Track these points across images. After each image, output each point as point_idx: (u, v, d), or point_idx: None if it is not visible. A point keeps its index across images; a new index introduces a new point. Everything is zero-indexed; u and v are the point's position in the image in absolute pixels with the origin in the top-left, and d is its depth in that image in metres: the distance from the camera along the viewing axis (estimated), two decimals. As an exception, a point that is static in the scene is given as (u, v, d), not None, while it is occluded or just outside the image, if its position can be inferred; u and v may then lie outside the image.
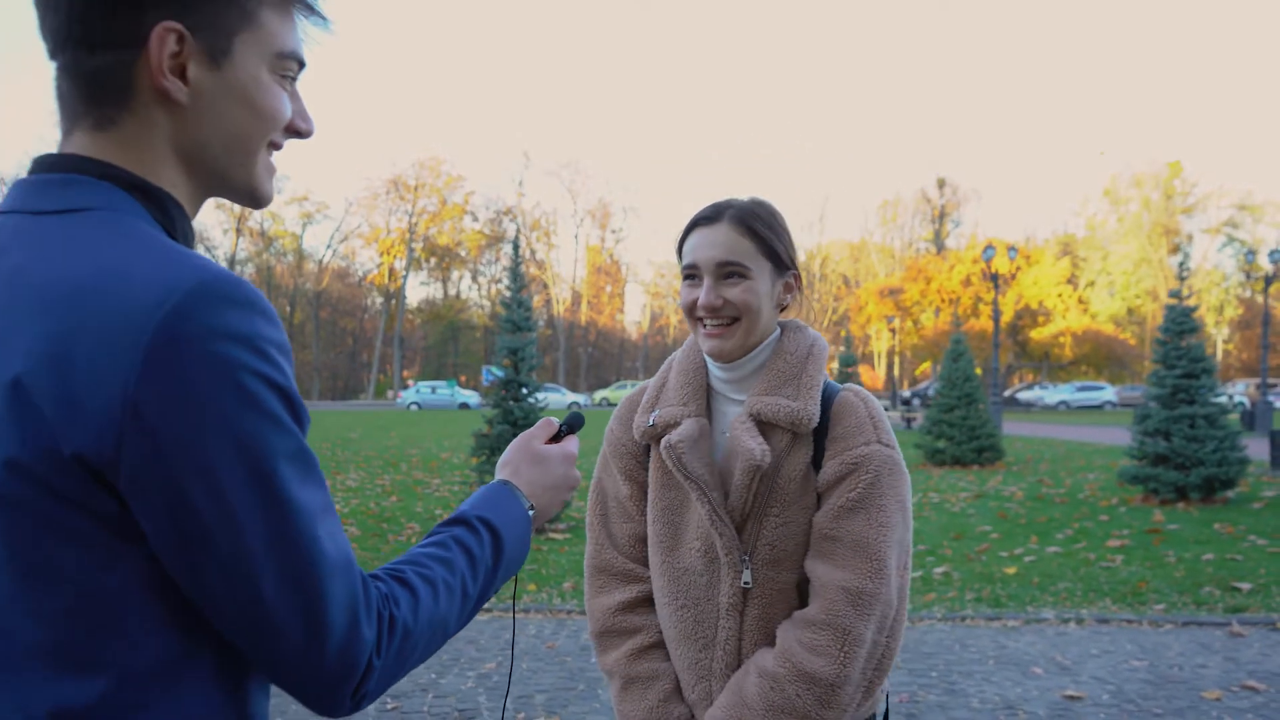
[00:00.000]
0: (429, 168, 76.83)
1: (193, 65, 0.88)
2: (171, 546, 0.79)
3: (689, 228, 1.69)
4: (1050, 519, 10.37)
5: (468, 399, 51.46)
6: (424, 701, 4.63)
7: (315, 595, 0.81)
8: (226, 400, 0.77)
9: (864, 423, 1.61)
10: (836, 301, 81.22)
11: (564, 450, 1.24)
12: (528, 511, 1.14)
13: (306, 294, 76.61)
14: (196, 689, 0.83)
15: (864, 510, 1.55)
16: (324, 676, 0.84)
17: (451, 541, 1.02)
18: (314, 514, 0.82)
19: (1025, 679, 5.00)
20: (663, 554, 1.69)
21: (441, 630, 0.97)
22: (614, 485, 1.80)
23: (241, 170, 0.94)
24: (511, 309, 10.13)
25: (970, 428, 16.63)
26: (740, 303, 1.62)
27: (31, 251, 0.81)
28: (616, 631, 1.73)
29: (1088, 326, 54.50)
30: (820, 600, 1.54)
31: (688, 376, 1.72)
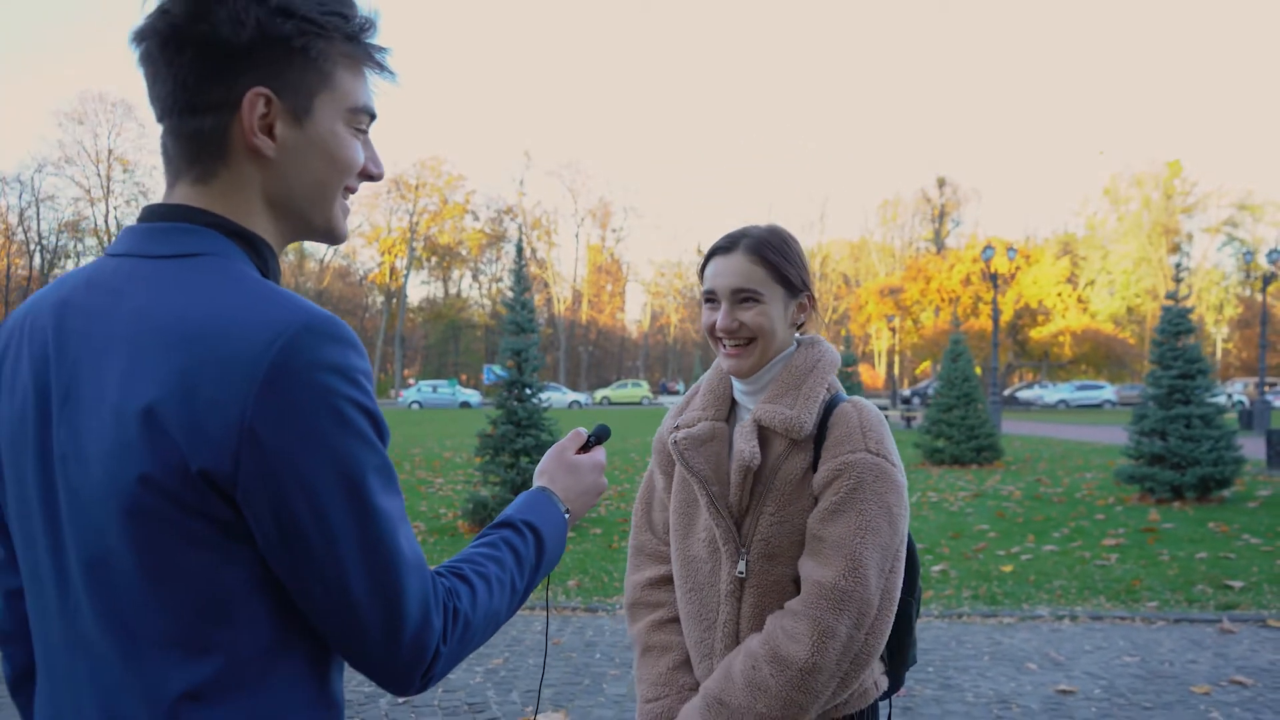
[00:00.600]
0: (430, 167, 77.00)
1: (279, 124, 1.00)
2: (276, 548, 0.92)
3: (708, 256, 1.86)
4: (1047, 518, 10.50)
5: (469, 398, 51.62)
6: (434, 695, 4.75)
7: (395, 591, 0.95)
8: (325, 422, 0.90)
9: (854, 431, 1.74)
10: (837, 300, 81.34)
11: (594, 460, 1.38)
12: (564, 515, 1.29)
13: (308, 293, 76.63)
14: (289, 672, 0.96)
15: (845, 513, 1.67)
16: (399, 662, 0.97)
17: (501, 542, 1.16)
18: (395, 520, 0.96)
19: (1019, 674, 5.13)
20: (677, 542, 1.89)
21: (495, 620, 1.10)
22: (656, 478, 2.02)
23: (320, 215, 1.08)
24: (514, 310, 10.24)
25: (969, 427, 16.75)
26: (754, 325, 1.78)
27: (153, 293, 0.94)
28: (643, 604, 1.95)
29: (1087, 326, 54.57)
30: (803, 594, 1.69)
31: (713, 385, 1.92)
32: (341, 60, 1.04)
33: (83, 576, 0.94)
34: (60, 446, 0.94)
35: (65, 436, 0.94)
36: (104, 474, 0.91)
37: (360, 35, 1.06)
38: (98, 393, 0.92)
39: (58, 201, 69.37)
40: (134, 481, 0.89)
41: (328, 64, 1.03)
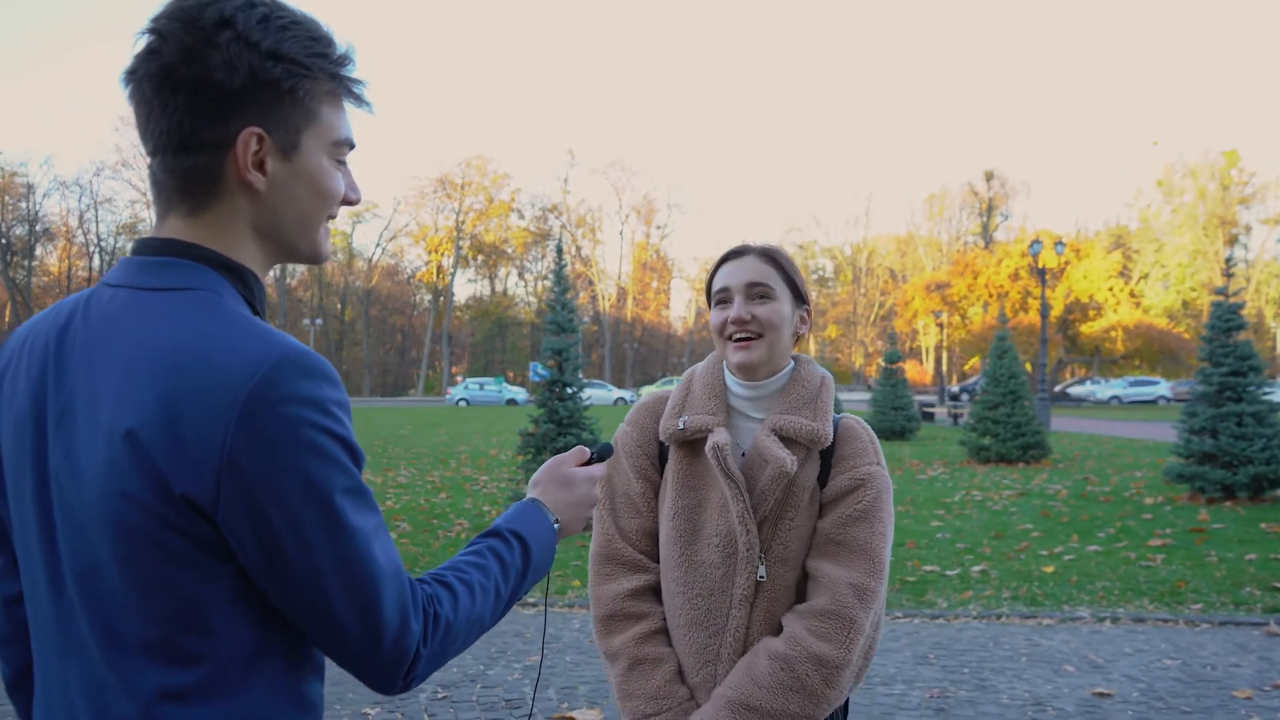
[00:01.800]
0: (475, 166, 77.68)
1: (270, 159, 1.08)
2: (258, 565, 0.99)
3: (718, 263, 1.93)
4: (1093, 517, 10.38)
5: (515, 395, 52.01)
6: (472, 691, 4.86)
7: (372, 599, 1.02)
8: (299, 450, 0.97)
9: (867, 447, 1.88)
10: (883, 296, 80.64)
11: (588, 473, 1.43)
12: (553, 525, 1.34)
13: (357, 292, 77.80)
14: (268, 677, 1.04)
15: (867, 520, 1.80)
16: (380, 663, 1.05)
17: (487, 550, 1.22)
18: (368, 534, 1.03)
19: (1056, 676, 5.11)
20: (681, 547, 1.88)
21: (479, 625, 1.17)
22: (624, 482, 1.98)
23: (306, 242, 1.15)
24: (556, 311, 10.36)
25: (1015, 424, 16.57)
26: (766, 319, 1.84)
27: (145, 324, 1.02)
28: (624, 616, 1.91)
29: (1140, 320, 53.47)
30: (828, 594, 1.76)
31: (712, 390, 1.93)
32: (325, 97, 1.11)
33: (75, 586, 1.02)
34: (55, 465, 1.02)
35: (59, 455, 1.02)
36: (94, 491, 0.98)
37: (340, 71, 1.12)
38: (91, 415, 1.00)
39: (115, 204, 71.13)
40: (119, 499, 0.97)
41: (313, 102, 1.09)
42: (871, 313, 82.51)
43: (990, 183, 77.19)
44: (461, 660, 5.36)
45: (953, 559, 8.25)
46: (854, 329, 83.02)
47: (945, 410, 30.39)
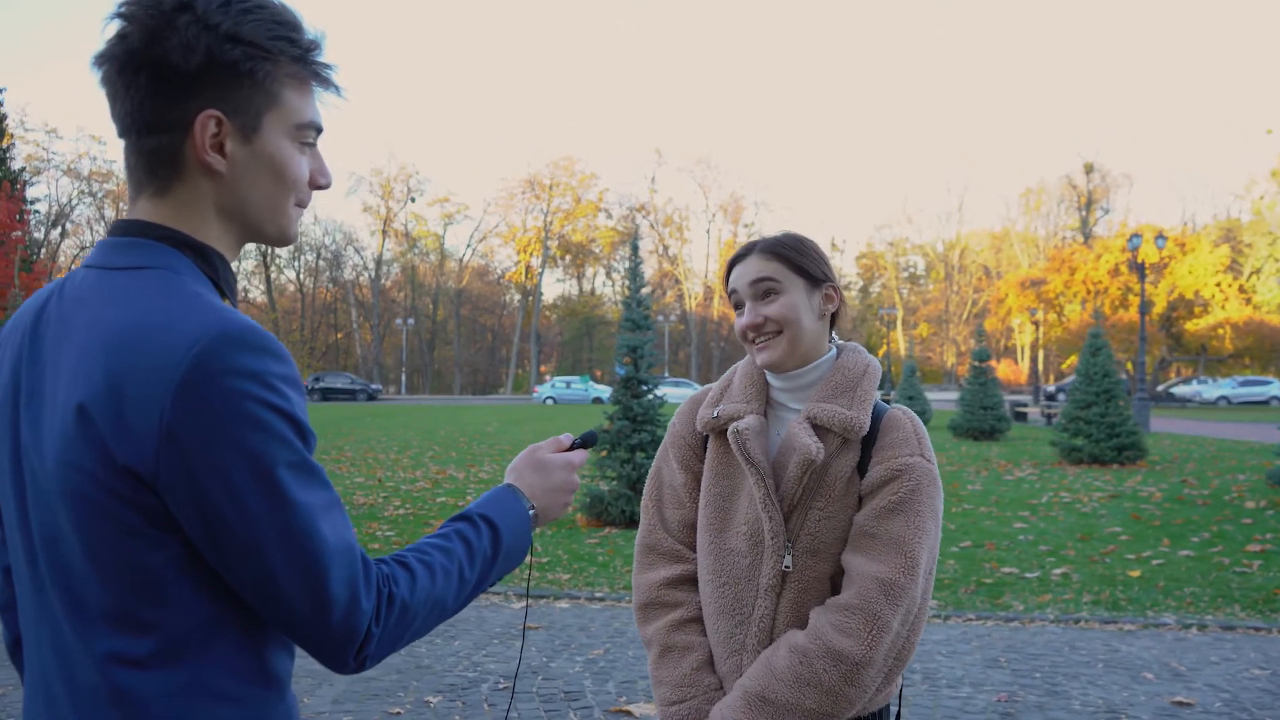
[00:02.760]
0: (563, 167, 78.41)
1: (230, 142, 1.10)
2: (200, 537, 1.02)
3: (729, 267, 1.92)
4: (1187, 521, 9.96)
5: (600, 393, 52.32)
6: (533, 683, 4.91)
7: (318, 574, 1.03)
8: (237, 422, 0.99)
9: (909, 437, 1.80)
10: (976, 293, 78.76)
11: (565, 459, 1.42)
12: (528, 511, 1.34)
13: (448, 292, 79.32)
14: (225, 647, 1.06)
15: (903, 513, 1.73)
16: (330, 640, 1.06)
17: (453, 534, 1.23)
18: (314, 509, 1.03)
19: (1134, 683, 4.92)
20: (711, 535, 1.87)
21: (439, 608, 1.17)
22: (670, 474, 1.99)
23: (271, 224, 1.17)
24: (631, 308, 10.39)
25: (1109, 425, 15.98)
26: (778, 316, 1.81)
27: (104, 303, 1.06)
28: (660, 604, 1.92)
29: (1250, 317, 51.05)
30: (854, 587, 1.71)
31: (751, 380, 1.93)
32: (288, 80, 1.13)
33: (42, 555, 1.06)
34: (25, 440, 1.07)
35: (27, 430, 1.07)
36: (53, 463, 1.02)
37: (307, 56, 1.14)
38: (54, 391, 1.04)
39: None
40: (73, 470, 1.01)
41: (274, 85, 1.11)
42: (964, 310, 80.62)
43: (1090, 176, 74.61)
44: (525, 652, 5.43)
45: (1033, 561, 8.01)
46: (946, 327, 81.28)
47: (1039, 410, 29.48)
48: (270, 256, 74.54)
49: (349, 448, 20.25)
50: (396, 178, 77.15)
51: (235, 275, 1.18)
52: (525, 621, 1.65)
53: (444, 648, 5.52)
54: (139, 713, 1.02)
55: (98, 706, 1.03)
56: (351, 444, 21.33)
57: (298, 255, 77.22)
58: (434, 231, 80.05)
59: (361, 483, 13.96)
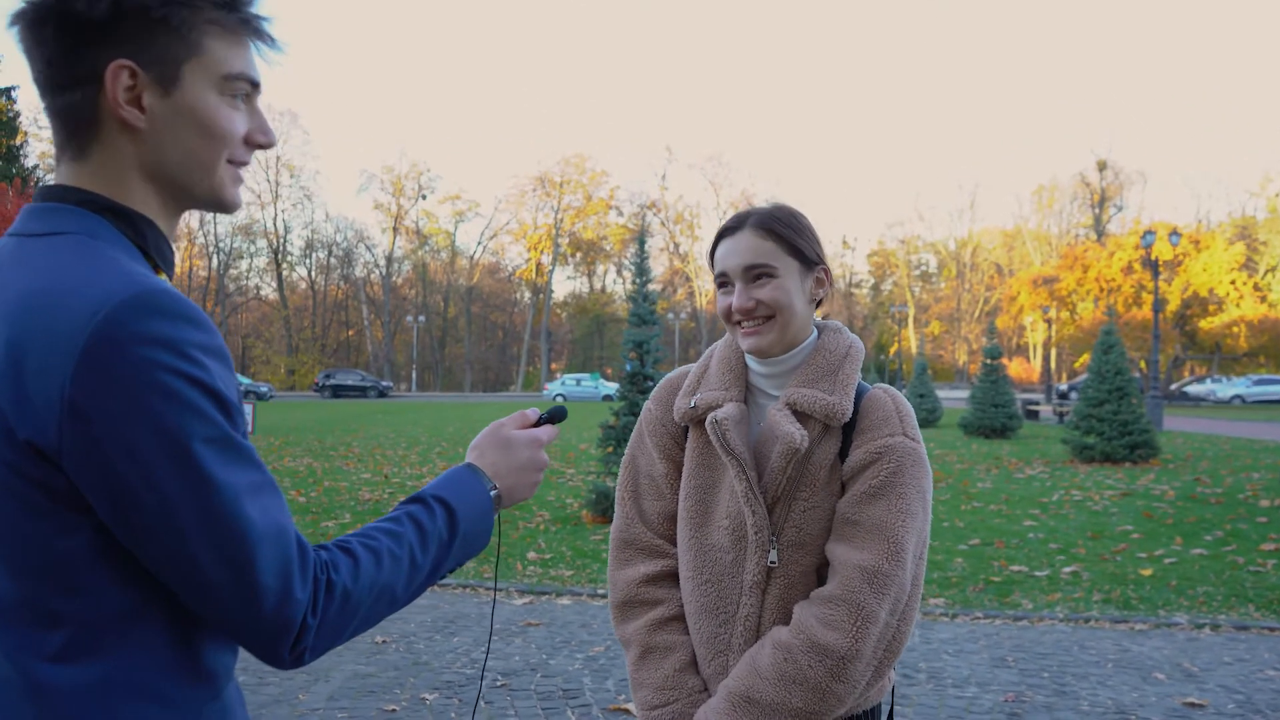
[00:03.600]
0: (574, 164, 78.42)
1: (147, 95, 1.01)
2: (112, 519, 0.93)
3: (716, 239, 1.80)
4: (1200, 519, 9.83)
5: (611, 391, 52.25)
6: (532, 680, 4.84)
7: (244, 560, 0.94)
8: (148, 394, 0.90)
9: (890, 416, 1.70)
10: (988, 291, 78.39)
11: (531, 435, 1.32)
12: (489, 492, 1.24)
13: (459, 289, 79.41)
14: (148, 639, 0.98)
15: (885, 497, 1.63)
16: (261, 632, 0.97)
17: (405, 517, 1.14)
18: (238, 490, 0.95)
19: (1144, 684, 4.82)
20: (692, 530, 1.77)
21: (387, 596, 1.08)
22: (648, 463, 1.88)
23: (204, 184, 1.08)
24: (638, 302, 10.31)
25: (1122, 422, 15.83)
26: (771, 301, 1.70)
27: (16, 269, 0.98)
28: (639, 602, 1.81)
29: (1266, 315, 50.59)
30: (838, 578, 1.61)
31: (729, 365, 1.81)
32: (210, 29, 1.04)
33: None
34: None
35: None
36: None
37: (233, 3, 1.06)
38: None
39: (232, 206, 73.88)
40: None
41: (194, 33, 1.03)
42: (976, 309, 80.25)
43: (1103, 173, 74.10)
44: (524, 648, 5.36)
45: (1043, 559, 7.90)
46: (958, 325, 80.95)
47: (1051, 408, 29.28)
48: (282, 254, 74.85)
49: (357, 444, 20.23)
50: (408, 175, 77.30)
51: (171, 245, 1.10)
52: (492, 617, 1.52)
53: (443, 644, 5.46)
54: (54, 708, 0.95)
55: (10, 701, 0.96)
56: (360, 440, 21.31)
57: (309, 253, 77.55)
58: (445, 229, 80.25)
59: (368, 479, 13.92)
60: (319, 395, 54.60)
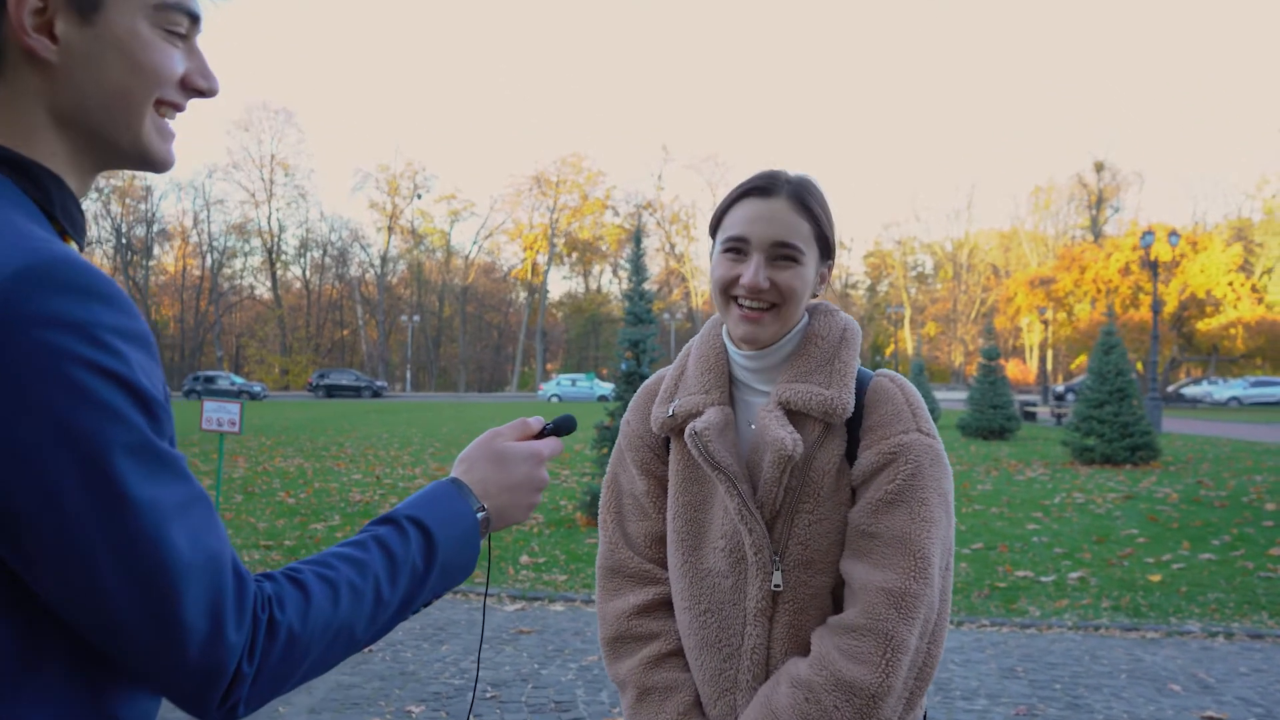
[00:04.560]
0: (570, 164, 78.20)
1: (60, 21, 0.83)
2: (3, 543, 0.74)
3: (738, 196, 1.55)
4: (1206, 523, 9.65)
5: (606, 391, 52.06)
6: (523, 691, 4.64)
7: (165, 595, 0.76)
8: (51, 391, 0.72)
9: (901, 410, 1.49)
10: (985, 292, 78.34)
11: (530, 449, 1.14)
12: (475, 512, 1.05)
13: (454, 289, 79.15)
14: (46, 690, 0.78)
15: (905, 504, 1.43)
16: (185, 680, 0.78)
17: (371, 541, 0.95)
18: (163, 511, 0.76)
19: (1160, 696, 4.63)
20: (684, 554, 1.57)
21: (345, 636, 0.89)
22: (630, 481, 1.68)
23: (126, 132, 0.89)
24: (633, 301, 10.12)
25: (1122, 424, 15.67)
26: (787, 289, 1.49)
27: None
28: (631, 637, 1.61)
29: (1263, 317, 50.52)
30: (860, 603, 1.41)
31: (708, 363, 1.60)
32: None
33: None
34: None
35: None
36: None
37: None
38: None
39: (227, 205, 73.85)
40: None
41: None
42: (972, 310, 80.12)
43: (1100, 174, 73.98)
44: (515, 657, 5.16)
45: (1048, 564, 7.71)
46: (954, 326, 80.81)
47: (1049, 410, 29.13)
48: (276, 253, 74.55)
49: (349, 444, 20.02)
50: (403, 174, 77.03)
51: (81, 208, 0.90)
52: (483, 633, 1.32)
53: (430, 653, 5.26)
54: None
55: None
56: (353, 441, 21.10)
57: (304, 252, 77.26)
58: (440, 228, 79.96)
59: (359, 480, 13.70)
60: (313, 395, 54.37)
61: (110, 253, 68.27)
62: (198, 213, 72.47)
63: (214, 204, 72.80)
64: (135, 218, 68.86)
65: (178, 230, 72.45)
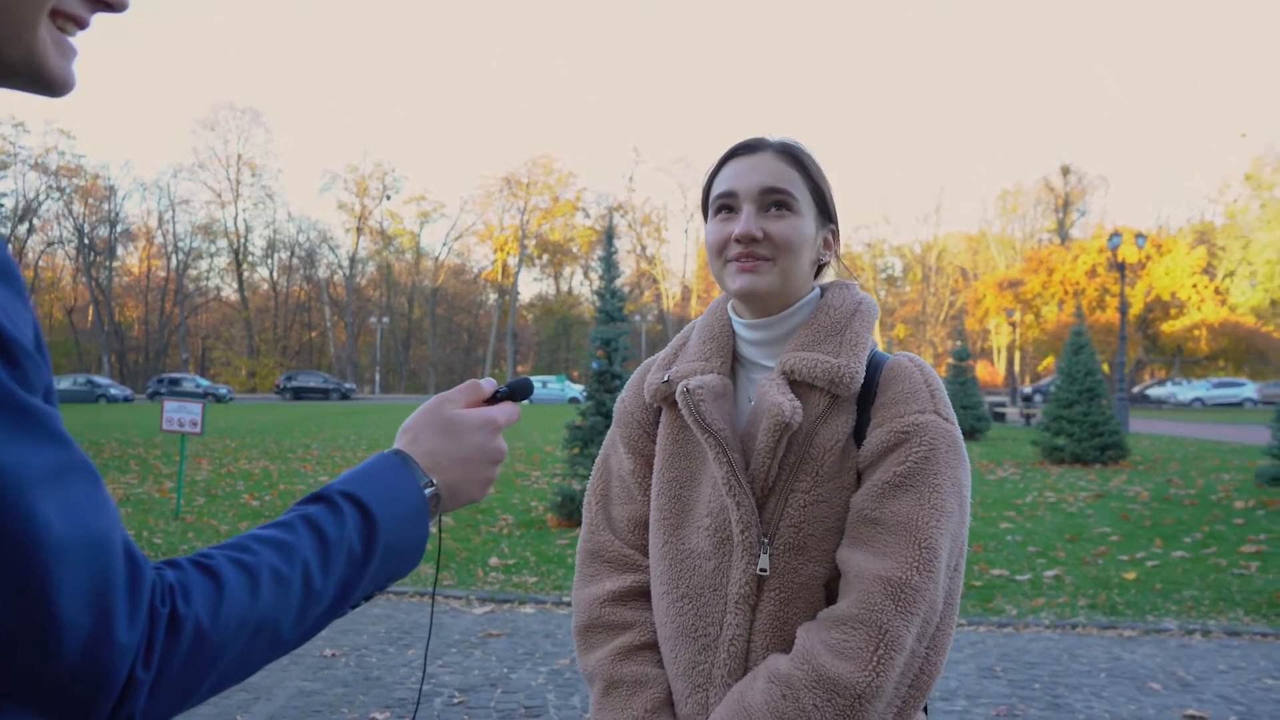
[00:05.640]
0: (541, 165, 77.88)
1: None
2: None
3: (723, 160, 1.48)
4: (1178, 521, 9.67)
5: (577, 393, 51.85)
6: (491, 696, 4.49)
7: (30, 582, 0.61)
8: None
9: (919, 389, 1.36)
10: (954, 295, 78.91)
11: (483, 415, 1.00)
12: (422, 488, 0.92)
13: (424, 291, 78.58)
14: None
15: (914, 489, 1.29)
16: (62, 689, 0.64)
17: (299, 521, 0.80)
18: (29, 477, 0.62)
19: (1140, 695, 4.56)
20: (666, 533, 1.44)
21: (269, 633, 0.75)
22: (618, 461, 1.57)
23: (16, 44, 0.73)
24: (605, 299, 9.99)
25: (1092, 424, 15.74)
26: (782, 239, 1.38)
27: None
28: (602, 626, 1.49)
29: (1226, 319, 51.22)
30: (854, 593, 1.27)
31: (711, 332, 1.50)
32: None
33: None
34: None
35: None
36: None
37: None
38: None
39: (192, 205, 72.87)
40: None
41: None
42: (941, 312, 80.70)
43: (1067, 178, 74.75)
44: (484, 661, 5.01)
45: (1023, 563, 7.66)
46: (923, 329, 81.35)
47: (1017, 411, 29.30)
48: (243, 254, 73.66)
49: (316, 446, 19.72)
50: (372, 175, 76.36)
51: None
52: (430, 632, 1.16)
53: (396, 657, 5.09)
54: None
55: None
56: (319, 443, 20.79)
57: (271, 253, 76.37)
58: (410, 229, 79.32)
59: (325, 482, 13.43)
60: (280, 398, 53.72)
61: (72, 253, 67.21)
62: (162, 213, 71.43)
63: (179, 204, 71.78)
64: (98, 218, 67.68)
65: (142, 231, 71.35)
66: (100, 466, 14.76)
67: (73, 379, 47.09)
